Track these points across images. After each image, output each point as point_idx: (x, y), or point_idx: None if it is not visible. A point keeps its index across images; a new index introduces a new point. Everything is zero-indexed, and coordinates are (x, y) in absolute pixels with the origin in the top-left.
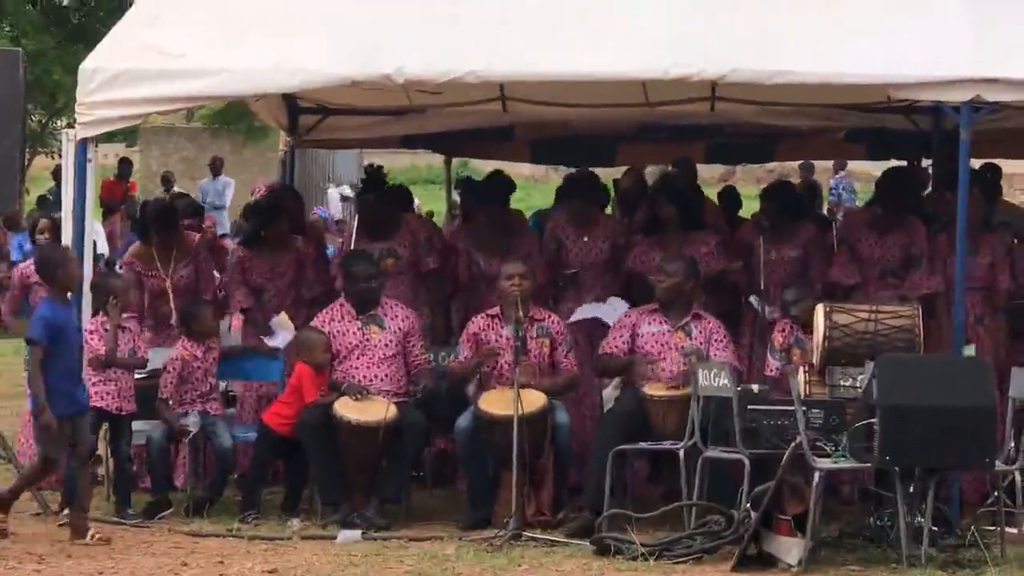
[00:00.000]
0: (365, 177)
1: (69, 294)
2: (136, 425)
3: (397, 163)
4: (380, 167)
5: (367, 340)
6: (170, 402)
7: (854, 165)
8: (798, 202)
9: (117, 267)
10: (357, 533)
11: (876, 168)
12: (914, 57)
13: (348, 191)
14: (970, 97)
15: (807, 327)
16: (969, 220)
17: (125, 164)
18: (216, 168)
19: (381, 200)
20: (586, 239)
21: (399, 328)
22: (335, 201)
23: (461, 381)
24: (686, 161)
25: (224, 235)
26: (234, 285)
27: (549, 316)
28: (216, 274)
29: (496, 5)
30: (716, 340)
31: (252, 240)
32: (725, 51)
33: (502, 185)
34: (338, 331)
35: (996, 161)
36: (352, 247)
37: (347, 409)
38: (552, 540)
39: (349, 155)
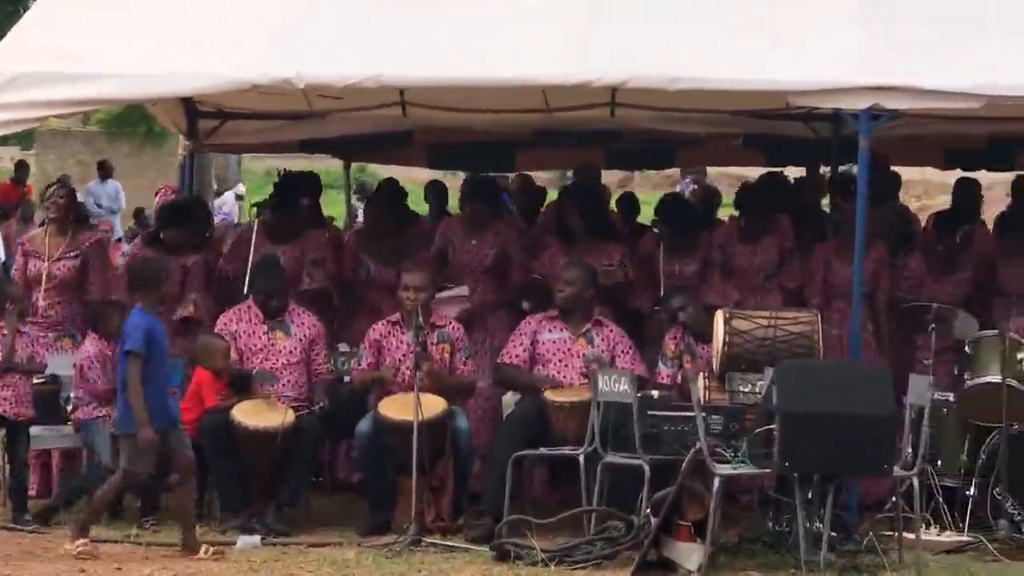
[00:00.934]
0: (276, 183)
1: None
2: (34, 431)
3: (296, 168)
4: (289, 172)
5: (272, 345)
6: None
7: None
8: (693, 216)
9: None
10: (256, 539)
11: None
12: (813, 64)
13: (242, 189)
14: (869, 104)
15: (696, 334)
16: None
17: (21, 168)
18: (106, 171)
19: (285, 205)
20: (474, 242)
21: (305, 335)
22: (230, 203)
23: (362, 386)
24: (589, 168)
25: (120, 239)
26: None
27: (449, 323)
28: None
29: (396, 11)
30: (620, 349)
31: (152, 242)
32: (625, 57)
33: (392, 192)
34: (244, 332)
35: (893, 168)
36: (254, 251)
37: (245, 415)
38: (452, 546)
39: (232, 158)
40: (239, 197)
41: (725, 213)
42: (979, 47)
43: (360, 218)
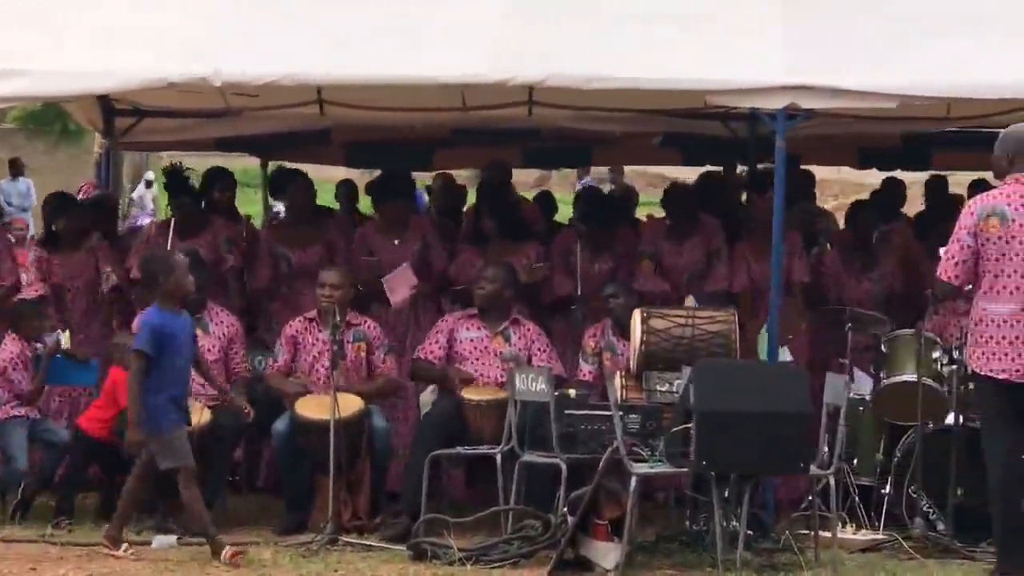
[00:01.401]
0: (168, 176)
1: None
2: None
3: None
4: (181, 166)
5: None
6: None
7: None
8: (611, 210)
9: None
10: (172, 538)
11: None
12: (730, 64)
13: (151, 175)
14: (785, 104)
15: (624, 326)
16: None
17: None
18: (17, 169)
19: (188, 199)
20: (396, 243)
21: (224, 334)
22: (147, 200)
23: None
24: (500, 164)
25: (33, 236)
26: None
27: (365, 321)
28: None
29: (314, 9)
30: (538, 348)
31: (46, 241)
32: (542, 56)
33: (308, 184)
34: None
35: (809, 167)
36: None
37: None
38: (368, 545)
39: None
40: (149, 184)
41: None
42: (894, 47)
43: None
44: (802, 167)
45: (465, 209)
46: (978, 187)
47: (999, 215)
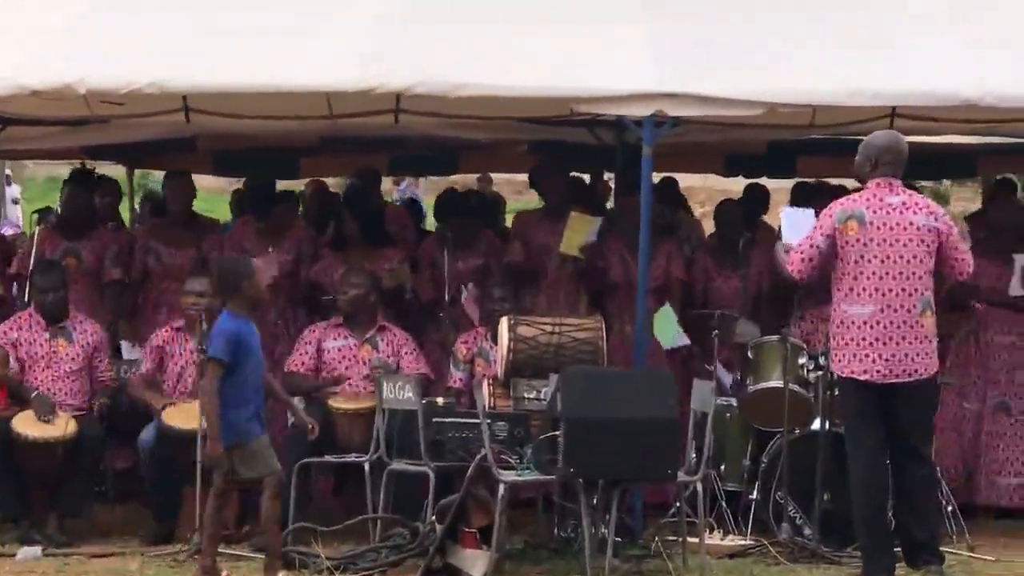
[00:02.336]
0: (74, 175)
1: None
2: None
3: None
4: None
5: (54, 352)
6: None
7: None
8: (472, 210)
9: None
10: (37, 550)
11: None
12: (596, 72)
13: (16, 191)
14: (652, 112)
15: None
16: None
17: None
18: None
19: (81, 201)
20: (271, 250)
21: (87, 343)
22: (13, 211)
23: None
24: (370, 172)
25: None
26: None
27: None
28: None
29: (180, 16)
30: (406, 352)
31: None
32: (409, 64)
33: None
34: (26, 340)
35: (677, 175)
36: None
37: (25, 425)
38: (237, 554)
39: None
40: (15, 201)
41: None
42: (760, 56)
43: None
44: (666, 175)
45: None
46: (800, 189)
47: (858, 218)
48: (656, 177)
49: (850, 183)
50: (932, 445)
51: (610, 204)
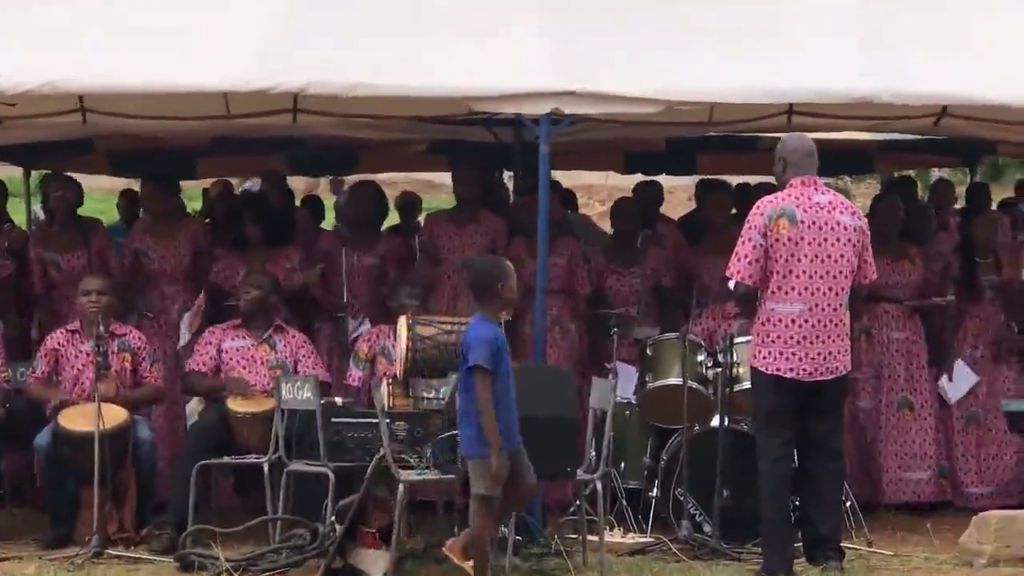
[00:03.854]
0: None
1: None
2: None
3: None
4: None
5: None
6: None
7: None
8: (370, 208)
9: None
10: None
11: None
12: (493, 70)
13: None
14: (549, 110)
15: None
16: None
17: None
18: None
19: None
20: (169, 247)
21: None
22: None
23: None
24: (275, 175)
25: None
26: None
27: (130, 331)
28: None
29: (74, 16)
30: (303, 353)
31: None
32: (305, 64)
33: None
34: None
35: (577, 173)
36: None
37: None
38: (135, 557)
39: None
40: None
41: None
42: (657, 53)
43: None
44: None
45: None
46: (702, 186)
47: (788, 216)
48: (558, 176)
49: (751, 179)
50: (842, 440)
51: None
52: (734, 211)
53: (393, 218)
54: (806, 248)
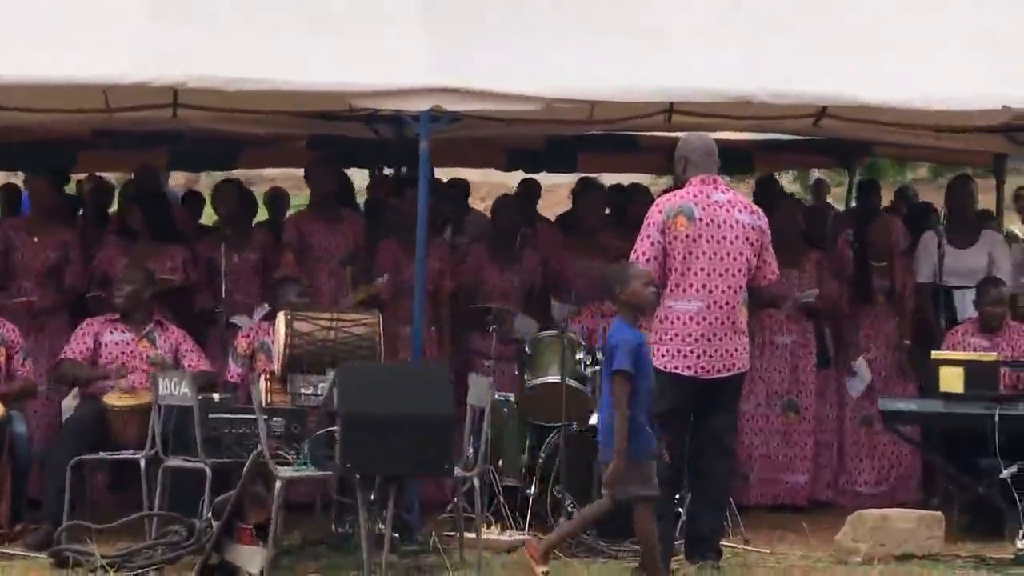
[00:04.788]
0: None
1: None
2: None
3: None
4: None
5: None
6: None
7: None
8: (248, 206)
9: None
10: None
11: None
12: (374, 66)
13: None
14: (429, 107)
15: None
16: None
17: None
18: None
19: None
20: (36, 240)
21: None
22: None
23: None
24: (148, 169)
25: None
26: None
27: (4, 324)
28: None
29: None
30: (184, 348)
31: None
32: (185, 58)
33: None
34: None
35: (457, 170)
36: None
37: None
38: (9, 553)
39: None
40: None
41: None
42: (538, 51)
43: None
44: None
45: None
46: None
47: (686, 214)
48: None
49: (631, 178)
50: (735, 439)
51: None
52: (608, 211)
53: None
54: (704, 246)
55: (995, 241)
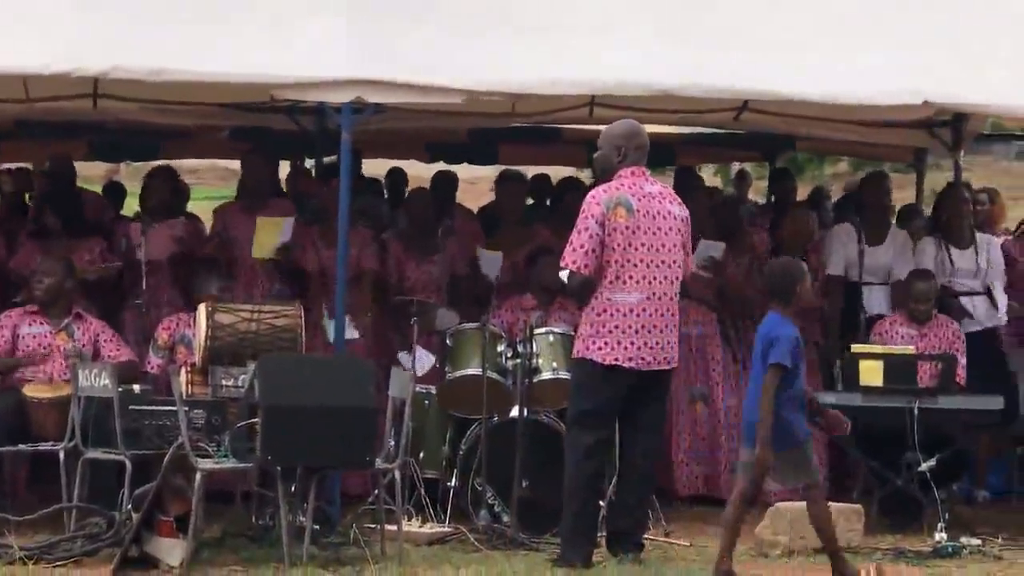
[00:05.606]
0: None
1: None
2: None
3: None
4: None
5: None
6: None
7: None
8: (167, 196)
9: None
10: None
11: None
12: (297, 58)
13: None
14: (352, 98)
15: None
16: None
17: None
18: None
19: None
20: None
21: None
22: None
23: None
24: (62, 159)
25: None
26: None
27: None
28: None
29: None
30: (105, 340)
31: None
32: (107, 47)
33: None
34: None
35: (379, 161)
36: None
37: None
38: None
39: None
40: None
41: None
42: (462, 43)
43: None
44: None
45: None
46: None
47: (625, 206)
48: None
49: (553, 171)
50: (663, 433)
51: None
52: (530, 202)
53: None
54: (642, 237)
55: (900, 238)
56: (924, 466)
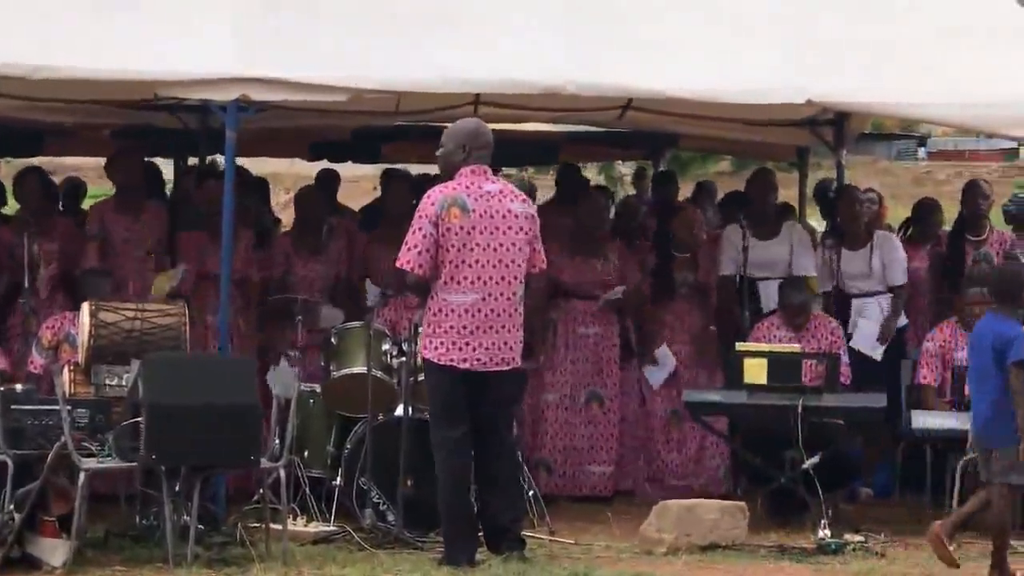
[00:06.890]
0: None
1: None
2: None
3: None
4: None
5: None
6: None
7: None
8: (52, 195)
9: None
10: None
11: None
12: (181, 56)
13: None
14: (236, 96)
15: None
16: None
17: None
18: None
19: None
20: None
21: None
22: None
23: None
24: None
25: None
26: None
27: None
28: None
29: None
30: None
31: None
32: None
33: None
34: None
35: (263, 160)
36: None
37: None
38: None
39: None
40: None
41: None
42: (346, 41)
43: None
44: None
45: None
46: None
47: (460, 206)
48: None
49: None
50: (515, 431)
51: None
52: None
53: None
54: (478, 237)
55: (797, 233)
56: (808, 463)
